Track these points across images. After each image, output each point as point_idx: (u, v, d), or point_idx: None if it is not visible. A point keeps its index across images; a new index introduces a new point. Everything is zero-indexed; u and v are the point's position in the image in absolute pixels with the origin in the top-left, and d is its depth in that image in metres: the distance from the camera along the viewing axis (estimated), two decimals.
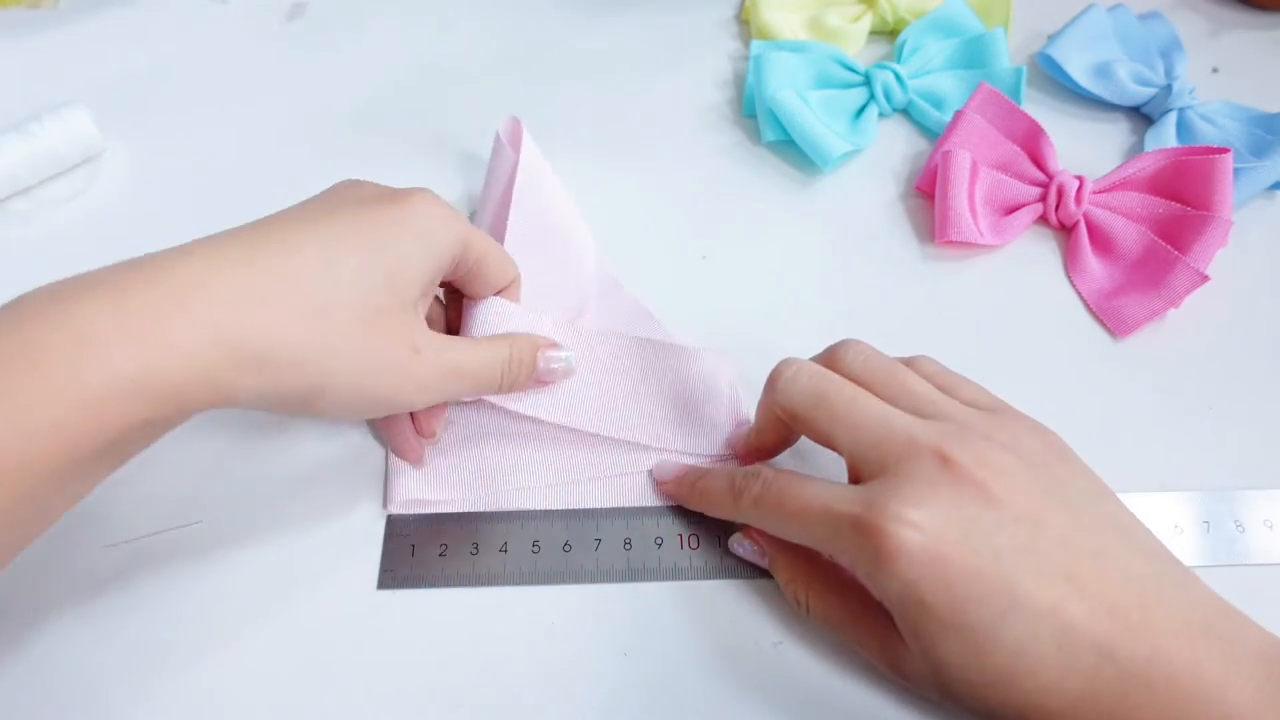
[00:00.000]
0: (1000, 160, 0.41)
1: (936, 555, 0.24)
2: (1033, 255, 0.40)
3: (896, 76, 0.44)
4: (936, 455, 0.25)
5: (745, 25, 0.50)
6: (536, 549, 0.32)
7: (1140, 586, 0.24)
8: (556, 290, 0.36)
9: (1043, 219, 0.41)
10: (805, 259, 0.40)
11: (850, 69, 0.45)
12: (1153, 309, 0.37)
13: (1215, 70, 0.47)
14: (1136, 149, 0.44)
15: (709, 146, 0.44)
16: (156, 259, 0.24)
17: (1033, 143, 0.41)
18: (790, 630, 0.30)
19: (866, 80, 0.44)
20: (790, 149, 0.43)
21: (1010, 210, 0.40)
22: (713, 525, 0.32)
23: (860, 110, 0.44)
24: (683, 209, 0.42)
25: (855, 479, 0.27)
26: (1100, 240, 0.39)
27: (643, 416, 0.34)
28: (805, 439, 0.31)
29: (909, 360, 0.30)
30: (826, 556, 0.30)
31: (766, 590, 0.31)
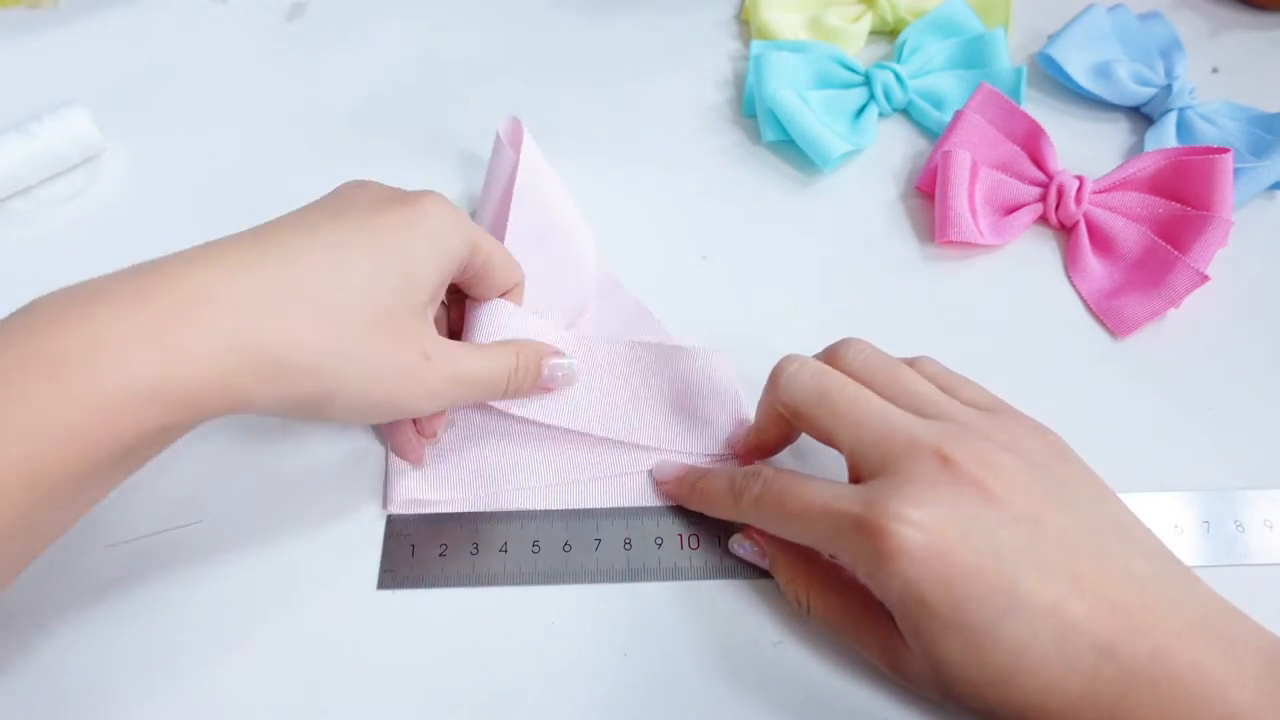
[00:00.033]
0: (1000, 160, 0.41)
1: (937, 554, 0.24)
2: (1033, 255, 0.40)
3: (896, 76, 0.44)
4: (937, 455, 0.25)
5: (745, 25, 0.50)
6: (536, 549, 0.32)
7: (1141, 586, 0.24)
8: (556, 290, 0.36)
9: (1043, 219, 0.41)
10: (805, 259, 0.40)
11: (850, 69, 0.45)
12: (1153, 309, 0.37)
13: (1215, 70, 0.47)
14: (1136, 149, 0.44)
15: (709, 146, 0.44)
16: (169, 263, 0.24)
17: (1033, 143, 0.41)
18: (790, 630, 0.30)
19: (866, 80, 0.44)
20: (790, 149, 0.43)
21: (1010, 210, 0.40)
22: (713, 525, 0.32)
23: (860, 110, 0.44)
24: (682, 209, 0.42)
25: (855, 478, 0.27)
26: (1100, 240, 0.39)
27: (643, 418, 0.34)
28: (805, 438, 0.31)
29: (910, 360, 0.30)
30: (827, 556, 0.30)
31: (766, 590, 0.31)
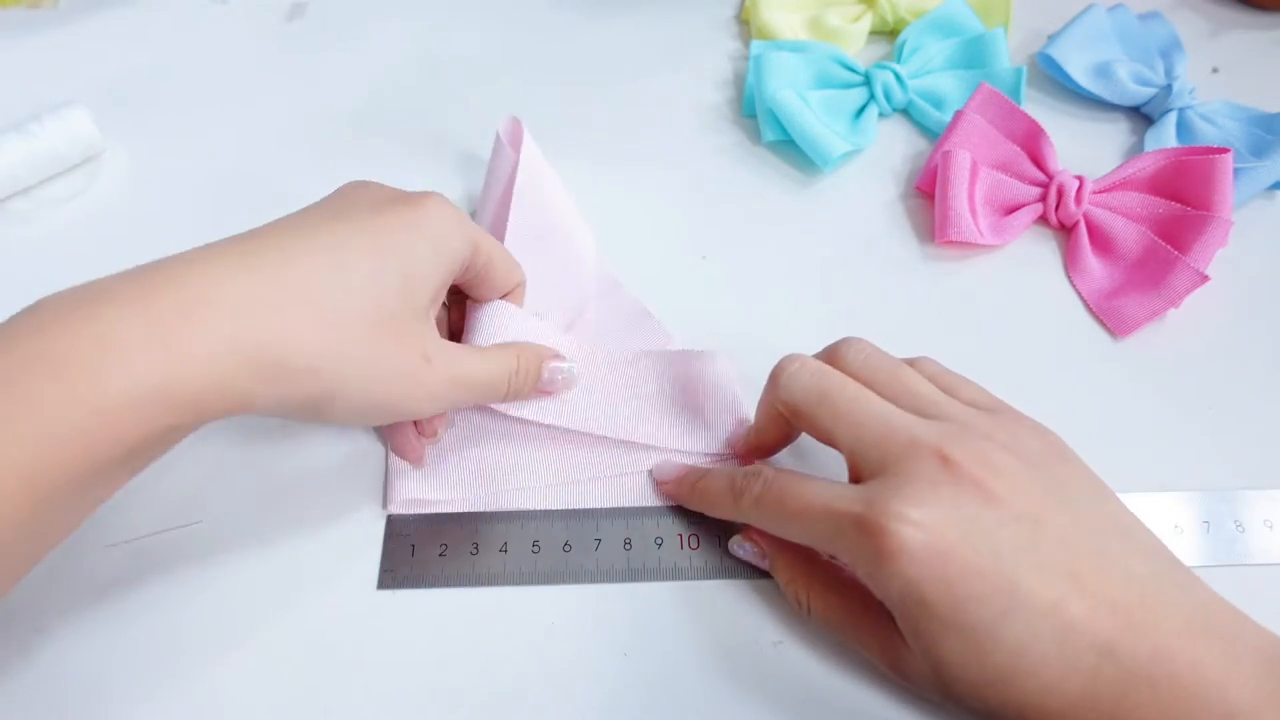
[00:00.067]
0: (1000, 160, 0.41)
1: (937, 554, 0.24)
2: (1033, 255, 0.40)
3: (896, 76, 0.44)
4: (937, 455, 0.25)
5: (745, 25, 0.50)
6: (536, 549, 0.32)
7: (1141, 585, 0.24)
8: (556, 290, 0.36)
9: (1043, 219, 0.41)
10: (805, 259, 0.40)
11: (850, 69, 0.45)
12: (1153, 309, 0.37)
13: (1215, 70, 0.47)
14: (1136, 149, 0.44)
15: (709, 146, 0.44)
16: (171, 265, 0.24)
17: (1033, 143, 0.41)
18: (790, 630, 0.30)
19: (866, 80, 0.44)
20: (790, 149, 0.43)
21: (1010, 210, 0.40)
22: (713, 525, 0.32)
23: (860, 110, 0.44)
24: (682, 209, 0.42)
25: (855, 478, 0.27)
26: (1100, 240, 0.39)
27: (643, 418, 0.34)
28: (805, 438, 0.31)
29: (911, 360, 0.30)
30: (827, 556, 0.30)
31: (766, 590, 0.31)
